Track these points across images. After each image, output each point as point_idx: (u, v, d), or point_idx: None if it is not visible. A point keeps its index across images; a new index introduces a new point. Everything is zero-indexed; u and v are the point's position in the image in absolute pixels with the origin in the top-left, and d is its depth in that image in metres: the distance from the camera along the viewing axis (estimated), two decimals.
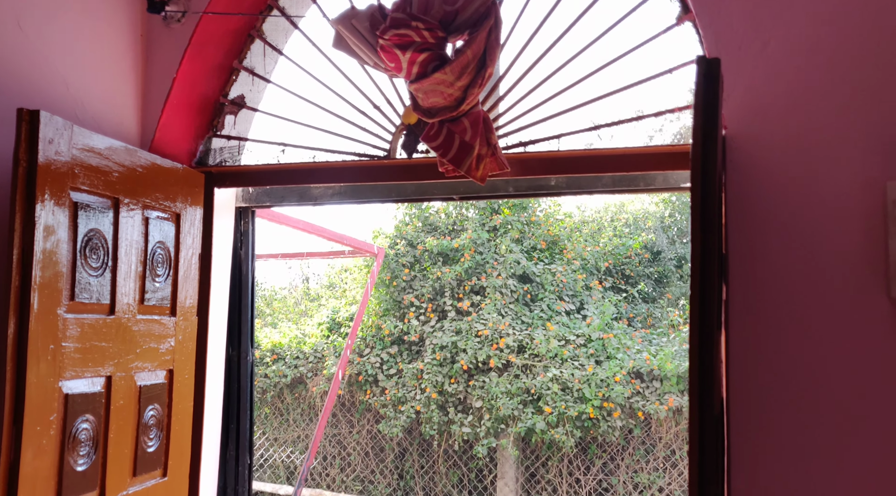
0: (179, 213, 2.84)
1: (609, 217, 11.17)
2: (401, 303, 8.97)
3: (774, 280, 2.26)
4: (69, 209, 2.29)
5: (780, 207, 2.26)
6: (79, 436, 2.32)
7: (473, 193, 2.96)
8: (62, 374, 2.25)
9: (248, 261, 3.28)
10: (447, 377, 8.26)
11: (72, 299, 2.30)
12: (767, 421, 2.21)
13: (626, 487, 7.83)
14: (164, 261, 2.76)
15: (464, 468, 8.44)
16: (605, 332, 8.08)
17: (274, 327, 10.77)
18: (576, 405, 7.56)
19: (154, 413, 2.68)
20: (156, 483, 2.67)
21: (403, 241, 9.17)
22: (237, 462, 3.18)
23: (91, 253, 2.39)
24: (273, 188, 3.23)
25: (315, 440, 5.21)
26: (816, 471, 2.16)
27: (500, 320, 8.22)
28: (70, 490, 2.28)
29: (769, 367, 2.24)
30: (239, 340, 3.23)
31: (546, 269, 8.87)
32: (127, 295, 2.54)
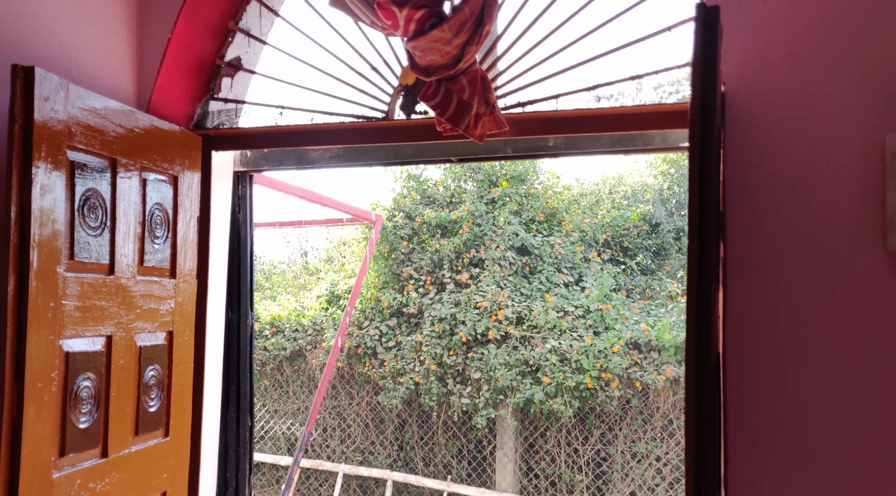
0: (177, 176, 2.83)
1: (607, 189, 11.17)
2: (399, 275, 8.98)
3: (772, 236, 2.27)
4: (66, 168, 2.29)
5: (778, 163, 2.26)
6: (80, 393, 2.33)
7: (472, 155, 2.96)
8: (62, 333, 2.26)
9: (246, 225, 3.28)
10: (446, 349, 8.30)
11: (71, 258, 2.31)
12: (765, 375, 2.23)
13: (625, 457, 7.89)
14: (163, 223, 2.76)
15: (463, 439, 8.50)
16: (604, 303, 8.11)
17: (273, 300, 10.80)
18: (574, 376, 7.60)
19: (154, 374, 2.69)
20: (158, 442, 2.69)
21: (401, 213, 9.17)
22: (238, 424, 3.21)
23: (89, 212, 2.38)
24: (271, 152, 3.22)
25: (314, 409, 5.23)
26: (815, 424, 2.18)
27: (498, 292, 8.24)
28: (73, 446, 2.30)
29: (767, 323, 2.25)
30: (238, 304, 3.24)
31: (545, 241, 8.88)
32: (126, 255, 2.54)
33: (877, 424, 2.11)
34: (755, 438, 2.21)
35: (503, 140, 2.88)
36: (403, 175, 9.37)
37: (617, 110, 2.58)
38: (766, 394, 2.21)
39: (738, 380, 2.23)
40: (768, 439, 2.20)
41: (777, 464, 2.19)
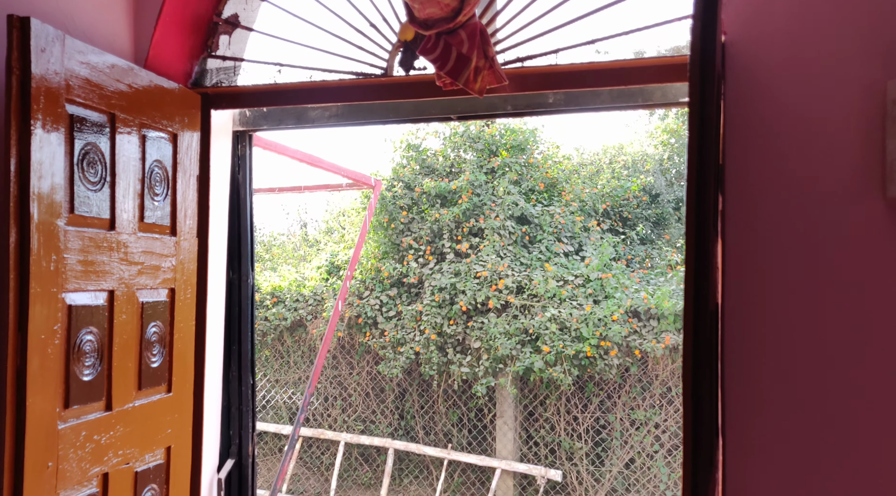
0: (176, 134, 2.83)
1: (608, 159, 11.15)
2: (399, 245, 9.00)
3: (772, 188, 2.27)
4: (65, 121, 2.28)
5: (778, 114, 2.25)
6: (83, 347, 2.35)
7: (471, 113, 2.95)
8: (65, 286, 2.27)
9: (246, 185, 3.28)
10: (446, 318, 8.33)
11: (71, 212, 2.31)
12: (763, 325, 2.24)
13: (623, 424, 7.95)
14: (163, 180, 2.76)
15: (463, 407, 8.55)
16: (604, 272, 8.13)
17: (273, 271, 10.82)
18: (573, 344, 7.64)
19: (157, 330, 2.71)
20: (161, 398, 2.71)
21: (401, 183, 9.16)
22: (240, 382, 3.23)
23: (89, 167, 2.39)
24: (270, 111, 3.21)
25: (315, 374, 5.27)
26: (813, 371, 2.20)
27: (498, 262, 8.26)
28: (77, 398, 2.32)
29: (766, 274, 2.26)
30: (239, 264, 3.25)
31: (544, 211, 8.88)
32: (126, 211, 2.55)
33: (875, 370, 2.13)
34: (753, 386, 2.23)
35: (502, 97, 2.87)
36: (403, 145, 9.35)
37: (617, 64, 2.57)
38: (765, 344, 2.23)
39: (737, 331, 2.25)
40: (767, 387, 2.22)
41: (775, 409, 2.21)
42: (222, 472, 3.11)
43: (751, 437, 2.20)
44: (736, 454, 2.20)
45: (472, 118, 2.97)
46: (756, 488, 2.18)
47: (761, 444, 2.19)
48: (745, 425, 2.21)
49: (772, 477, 2.18)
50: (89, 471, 2.34)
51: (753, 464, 2.19)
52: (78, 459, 2.29)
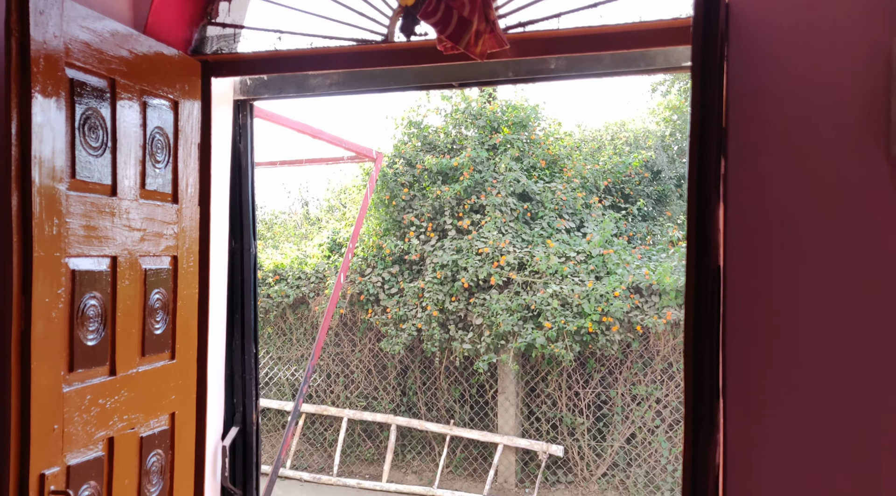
0: (177, 101, 2.82)
1: (609, 135, 11.12)
2: (401, 222, 9.00)
3: (774, 150, 2.27)
4: (65, 85, 2.27)
5: (782, 75, 2.24)
6: (87, 312, 2.36)
7: (473, 79, 2.94)
8: (67, 251, 2.27)
9: (247, 155, 3.28)
10: (448, 295, 8.34)
11: (73, 177, 2.31)
12: (765, 286, 2.24)
13: (625, 399, 7.99)
14: (164, 147, 2.76)
15: (465, 383, 8.59)
16: (605, 248, 8.13)
17: (276, 248, 10.83)
18: (575, 320, 7.66)
19: (160, 297, 2.72)
20: (165, 364, 2.73)
21: (402, 160, 9.15)
22: (243, 351, 3.24)
23: (90, 132, 2.38)
24: (270, 79, 3.20)
25: (317, 346, 5.29)
26: (816, 334, 2.20)
27: (500, 238, 8.26)
28: (82, 362, 2.33)
29: (768, 236, 2.25)
30: (241, 233, 3.25)
31: (546, 188, 8.87)
32: (128, 178, 2.55)
33: (878, 328, 2.14)
34: (755, 347, 2.24)
35: (504, 63, 2.86)
36: (404, 122, 9.32)
37: (619, 27, 2.56)
38: (767, 305, 2.23)
39: (738, 292, 2.25)
40: (768, 347, 2.22)
41: (777, 369, 2.21)
42: (227, 440, 3.13)
43: (752, 398, 2.21)
44: (737, 415, 2.21)
45: (474, 85, 2.96)
46: (757, 448, 2.19)
47: (763, 405, 2.20)
48: (747, 386, 2.22)
49: (773, 437, 2.19)
50: (95, 434, 2.36)
51: (755, 425, 2.20)
52: (83, 423, 2.31)
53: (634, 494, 7.84)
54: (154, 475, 2.66)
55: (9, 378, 2.10)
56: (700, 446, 1.91)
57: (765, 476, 2.19)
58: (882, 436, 2.14)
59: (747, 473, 2.19)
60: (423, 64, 2.80)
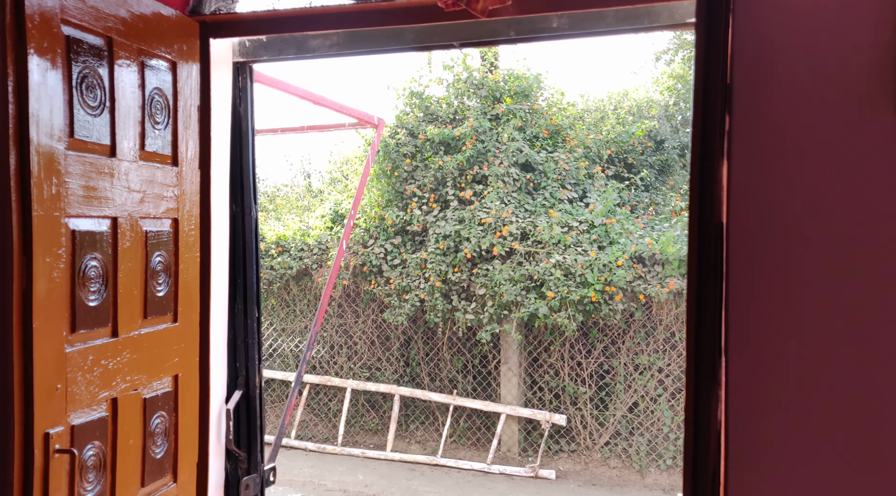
0: (176, 62, 2.79)
1: (612, 105, 11.05)
2: (403, 193, 8.97)
3: (779, 106, 2.24)
4: (61, 43, 2.25)
5: (789, 29, 2.21)
6: (88, 272, 2.35)
7: (474, 39, 2.91)
8: (67, 211, 2.25)
9: (247, 118, 3.25)
10: (451, 266, 8.34)
11: (71, 136, 2.29)
12: (770, 243, 2.23)
13: (627, 369, 8.01)
14: (163, 108, 2.73)
15: (468, 354, 8.62)
16: (608, 218, 8.11)
17: (278, 220, 10.82)
18: (578, 290, 7.66)
19: (161, 259, 2.71)
20: (167, 327, 2.72)
21: (404, 130, 9.11)
22: (246, 315, 3.24)
23: (87, 91, 2.36)
24: (270, 40, 3.17)
25: (319, 314, 5.29)
26: (819, 290, 2.19)
27: (502, 208, 8.24)
28: (84, 323, 2.32)
29: (772, 192, 2.23)
30: (242, 197, 3.23)
31: (549, 158, 8.83)
32: (127, 138, 2.53)
33: (884, 281, 2.12)
34: (758, 304, 2.22)
35: (505, 21, 2.83)
36: (406, 92, 9.26)
37: None
38: (770, 261, 2.22)
39: (742, 248, 2.23)
40: (771, 303, 2.21)
41: (780, 326, 2.20)
42: (230, 403, 3.14)
43: (755, 354, 2.20)
44: (739, 372, 2.20)
45: (475, 45, 2.92)
46: (760, 405, 2.18)
47: (766, 361, 2.19)
48: (750, 342, 2.21)
49: (776, 393, 2.19)
50: (98, 394, 2.36)
51: (758, 381, 2.20)
52: (86, 383, 2.31)
53: (637, 462, 7.90)
54: (158, 436, 2.67)
55: (11, 338, 2.10)
56: (702, 402, 1.91)
57: (768, 432, 2.19)
58: (888, 392, 2.13)
59: (750, 430, 2.19)
60: (423, 23, 2.76)
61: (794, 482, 2.18)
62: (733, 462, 2.16)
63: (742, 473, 2.15)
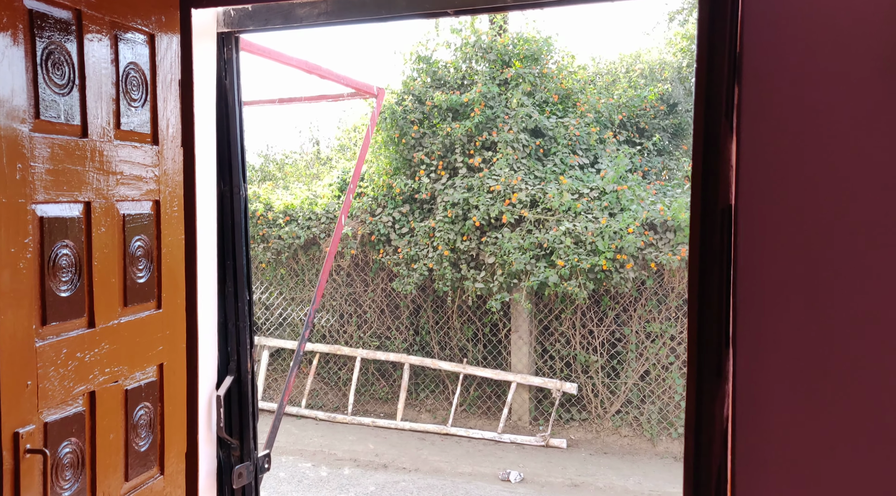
0: (154, 34, 2.64)
1: (624, 68, 10.78)
2: (410, 161, 8.82)
3: (795, 75, 2.08)
4: (23, 17, 2.10)
5: None
6: (59, 261, 2.23)
7: (469, 6, 2.74)
8: (34, 197, 2.13)
9: (233, 91, 3.10)
10: (459, 234, 8.22)
11: (37, 117, 2.15)
12: (780, 226, 2.08)
13: (639, 337, 7.91)
14: (140, 84, 2.59)
15: (478, 323, 8.53)
16: (619, 185, 7.94)
17: (286, 189, 10.71)
18: (589, 258, 7.54)
19: (142, 244, 2.59)
20: (150, 314, 2.61)
21: (411, 96, 8.92)
22: (236, 298, 3.13)
23: (54, 68, 2.22)
24: (255, 10, 3.01)
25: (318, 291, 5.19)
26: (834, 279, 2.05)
27: (512, 175, 8.09)
28: (56, 315, 2.21)
29: (785, 172, 2.09)
30: (230, 175, 3.10)
31: (559, 123, 8.63)
32: (100, 117, 2.39)
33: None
34: (769, 292, 2.09)
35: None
36: (413, 57, 9.06)
37: None
38: (782, 247, 2.08)
39: (751, 233, 2.09)
40: (784, 292, 2.07)
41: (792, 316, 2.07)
42: (221, 389, 3.05)
43: (765, 347, 2.07)
44: (748, 364, 2.07)
45: (471, 12, 2.76)
46: (769, 401, 2.06)
47: (776, 354, 2.06)
48: (759, 334, 2.07)
49: (786, 389, 2.06)
50: (73, 389, 2.26)
51: (766, 375, 2.07)
52: (60, 378, 2.20)
53: (648, 430, 7.83)
54: (142, 428, 2.57)
55: None
56: (704, 397, 1.78)
57: (777, 430, 2.07)
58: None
59: (759, 427, 2.07)
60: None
61: (808, 481, 2.06)
62: (741, 461, 2.04)
63: (751, 474, 2.03)
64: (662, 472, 7.27)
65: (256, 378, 3.12)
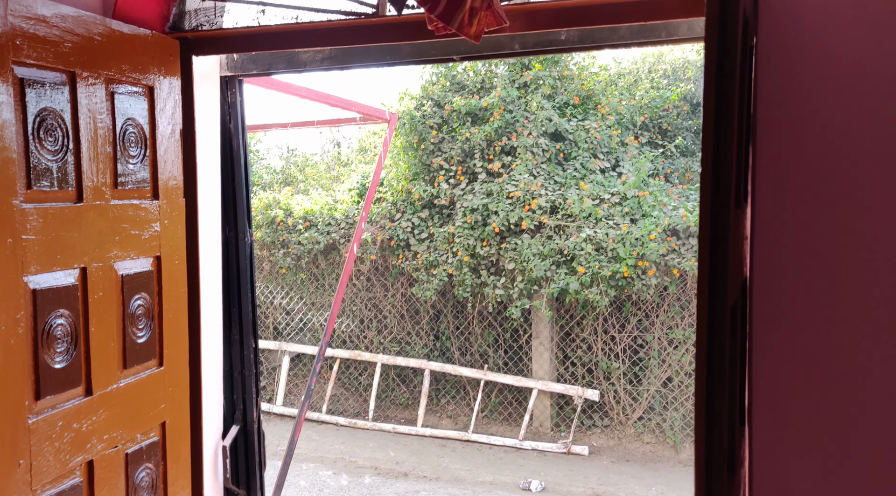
0: (153, 86, 2.58)
1: (647, 68, 10.58)
2: (430, 166, 8.74)
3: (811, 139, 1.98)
4: (14, 86, 2.05)
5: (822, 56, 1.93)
6: (54, 332, 2.19)
7: (476, 53, 2.65)
8: (26, 270, 2.08)
9: (238, 134, 3.04)
10: (479, 240, 8.14)
11: (29, 188, 2.10)
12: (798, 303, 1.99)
13: (661, 343, 7.79)
14: (139, 140, 2.53)
15: (499, 328, 8.46)
16: (641, 190, 7.79)
17: (306, 194, 10.67)
18: (610, 265, 7.42)
19: (142, 302, 2.54)
20: (151, 373, 2.57)
21: (430, 101, 8.82)
22: (242, 346, 3.08)
23: (46, 135, 2.17)
24: (259, 54, 2.94)
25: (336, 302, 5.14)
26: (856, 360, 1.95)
27: (531, 181, 7.97)
28: (50, 387, 2.17)
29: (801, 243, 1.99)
30: (235, 220, 3.05)
31: (579, 126, 8.49)
32: (96, 179, 2.34)
33: None
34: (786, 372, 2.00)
35: (510, 35, 2.56)
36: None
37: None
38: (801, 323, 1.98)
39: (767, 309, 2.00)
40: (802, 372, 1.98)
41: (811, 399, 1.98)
42: (227, 440, 3.00)
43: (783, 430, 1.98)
44: (764, 449, 1.98)
45: (477, 58, 2.67)
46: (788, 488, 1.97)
47: (794, 437, 1.97)
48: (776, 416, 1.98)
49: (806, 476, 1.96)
50: (70, 461, 2.22)
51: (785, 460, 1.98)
52: (55, 452, 2.16)
53: (671, 437, 7.73)
54: (144, 490, 2.53)
55: None
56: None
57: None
58: None
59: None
60: (416, 40, 2.52)
61: None
62: None
63: None
64: (685, 482, 7.16)
65: (262, 425, 3.08)
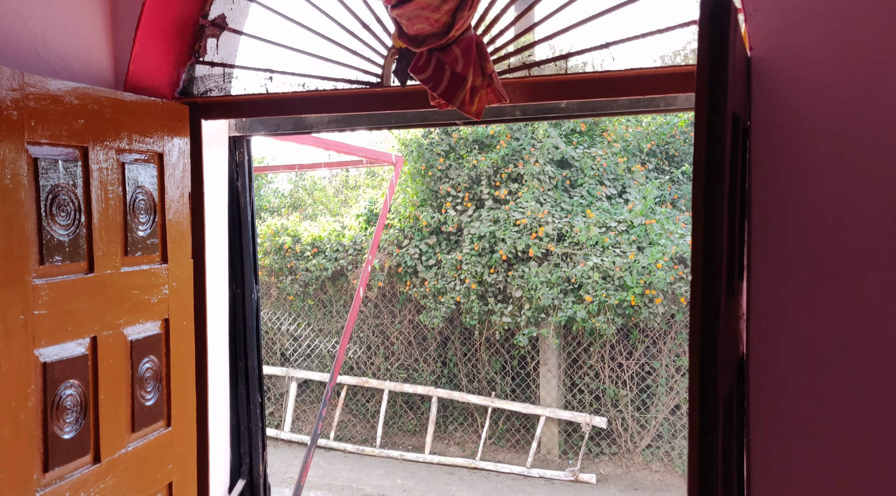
0: (162, 153, 2.64)
1: None
2: (437, 193, 8.79)
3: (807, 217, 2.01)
4: (28, 166, 2.11)
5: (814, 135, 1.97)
6: (64, 403, 2.24)
7: (478, 119, 2.70)
8: (38, 343, 2.14)
9: (245, 193, 3.10)
10: (486, 267, 8.17)
11: (41, 264, 2.16)
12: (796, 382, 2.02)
13: (669, 371, 7.79)
14: (148, 207, 2.59)
15: (506, 355, 8.48)
16: (648, 218, 7.82)
17: (313, 220, 10.73)
18: (617, 293, 7.44)
19: (150, 365, 2.59)
20: (159, 434, 2.62)
21: (438, 129, 8.88)
22: (248, 400, 3.13)
23: (58, 211, 2.22)
24: (267, 118, 3.01)
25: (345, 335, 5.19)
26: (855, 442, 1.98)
27: (538, 208, 8.01)
28: (59, 459, 2.21)
29: (799, 319, 2.02)
30: (242, 277, 3.10)
31: (586, 153, 8.53)
32: (107, 249, 2.39)
33: None
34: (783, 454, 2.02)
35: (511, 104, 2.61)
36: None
37: (632, 72, 2.28)
38: (799, 403, 2.01)
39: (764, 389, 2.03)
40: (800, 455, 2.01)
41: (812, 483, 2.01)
42: (233, 493, 3.05)
43: None
44: None
45: (480, 124, 2.72)
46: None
47: None
48: None
49: None
50: None
51: None
52: None
53: (679, 466, 7.71)
54: None
55: None
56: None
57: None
58: None
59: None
60: (419, 108, 2.57)
61: None
62: None
63: None
64: None
65: (269, 478, 3.12)
